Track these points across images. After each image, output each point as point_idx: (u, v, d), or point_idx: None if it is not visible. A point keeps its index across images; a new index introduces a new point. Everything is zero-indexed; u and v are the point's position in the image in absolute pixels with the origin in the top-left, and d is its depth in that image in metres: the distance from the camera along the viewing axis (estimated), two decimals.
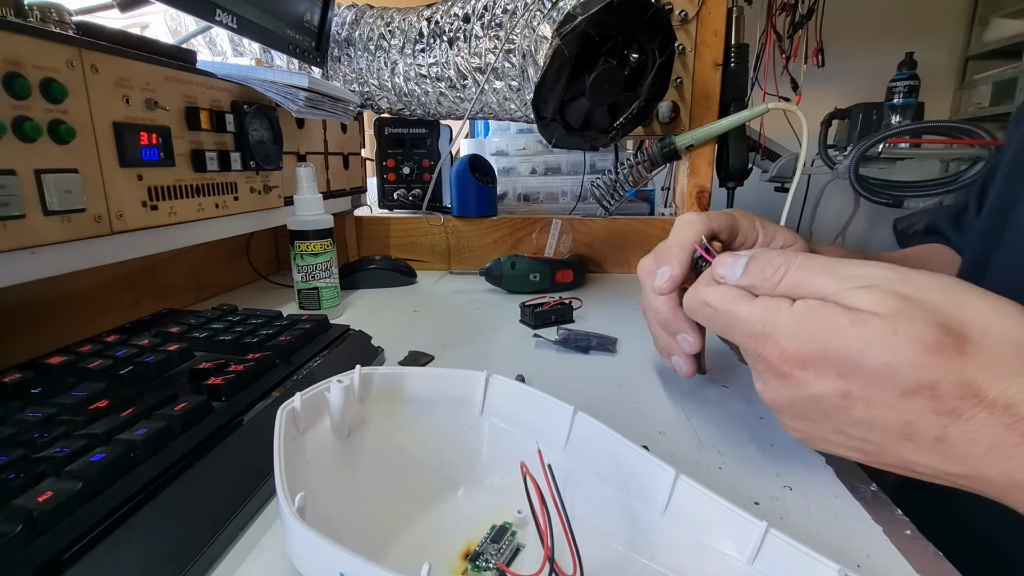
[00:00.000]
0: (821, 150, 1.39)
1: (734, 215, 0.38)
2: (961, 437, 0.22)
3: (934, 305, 0.23)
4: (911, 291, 0.23)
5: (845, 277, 0.25)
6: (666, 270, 0.36)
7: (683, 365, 0.37)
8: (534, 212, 0.92)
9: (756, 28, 1.48)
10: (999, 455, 0.22)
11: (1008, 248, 0.38)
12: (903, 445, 0.24)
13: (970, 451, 0.22)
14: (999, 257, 0.39)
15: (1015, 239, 0.38)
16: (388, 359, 0.47)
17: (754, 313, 0.27)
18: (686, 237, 0.36)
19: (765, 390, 0.28)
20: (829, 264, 0.26)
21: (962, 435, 0.22)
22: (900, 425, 0.23)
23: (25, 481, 0.22)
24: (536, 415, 0.28)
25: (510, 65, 0.62)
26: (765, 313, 0.26)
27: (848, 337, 0.23)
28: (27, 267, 0.34)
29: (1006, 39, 1.90)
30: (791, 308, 0.26)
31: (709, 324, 0.31)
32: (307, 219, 0.55)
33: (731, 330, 0.29)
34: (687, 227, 0.36)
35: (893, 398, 0.23)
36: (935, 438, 0.23)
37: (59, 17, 0.39)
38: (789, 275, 0.27)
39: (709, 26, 0.75)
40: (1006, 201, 0.40)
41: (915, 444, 0.23)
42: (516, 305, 0.59)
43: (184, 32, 0.69)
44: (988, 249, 0.40)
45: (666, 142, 0.73)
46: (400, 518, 0.26)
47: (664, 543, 0.24)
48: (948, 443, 0.23)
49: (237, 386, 0.33)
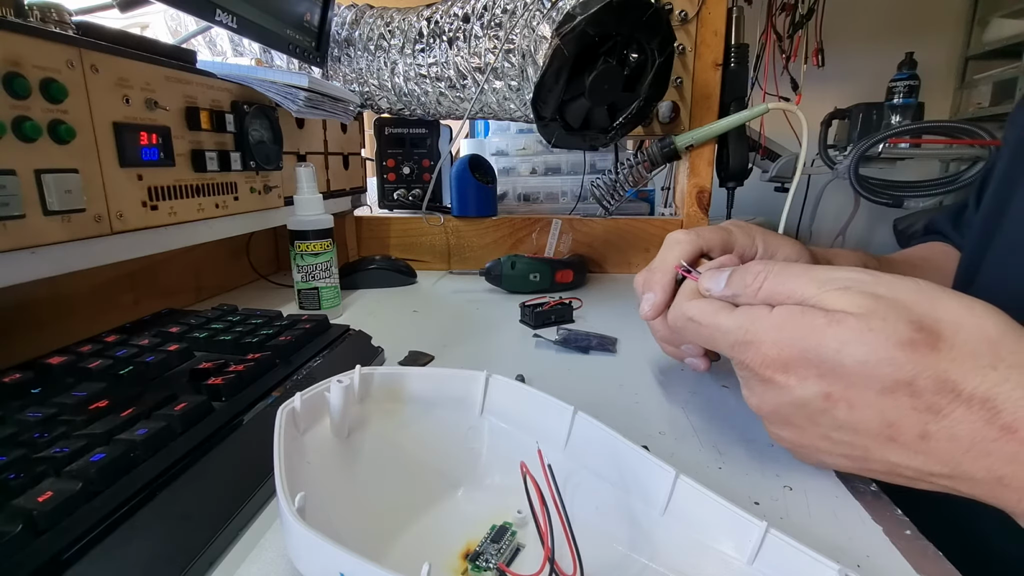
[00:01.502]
0: (821, 150, 1.39)
1: (730, 229, 0.37)
2: (942, 434, 0.22)
3: (907, 303, 0.24)
4: (884, 291, 0.24)
5: (823, 281, 0.26)
6: (649, 297, 0.36)
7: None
8: (534, 212, 0.92)
9: (756, 28, 1.48)
10: (980, 451, 0.22)
11: (1002, 246, 0.38)
12: (887, 447, 0.24)
13: (952, 449, 0.22)
14: (993, 255, 0.39)
15: (1011, 235, 0.38)
16: (388, 359, 0.47)
17: (735, 322, 0.28)
18: (669, 260, 0.36)
19: (751, 397, 0.28)
20: (807, 270, 0.27)
21: (943, 432, 0.22)
22: (883, 425, 0.24)
23: (25, 481, 0.22)
24: (536, 415, 0.28)
25: (510, 65, 0.62)
26: (745, 321, 0.27)
27: (826, 337, 0.24)
28: (27, 267, 0.34)
29: (1006, 39, 1.89)
30: (771, 314, 0.26)
31: (694, 338, 0.32)
32: (307, 219, 0.55)
33: (715, 342, 0.29)
34: (673, 247, 0.36)
35: (873, 396, 0.23)
36: (918, 435, 0.23)
37: (59, 17, 0.39)
38: (768, 282, 0.27)
39: (709, 26, 0.75)
40: (1001, 200, 0.40)
41: (899, 445, 0.24)
42: (516, 305, 0.59)
43: (184, 32, 0.69)
44: (983, 247, 0.40)
45: (666, 142, 0.73)
46: (400, 518, 0.26)
47: (664, 543, 0.24)
48: (931, 441, 0.23)
49: (237, 386, 0.33)
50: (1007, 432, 0.21)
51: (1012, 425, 0.21)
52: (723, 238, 0.37)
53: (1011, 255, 0.38)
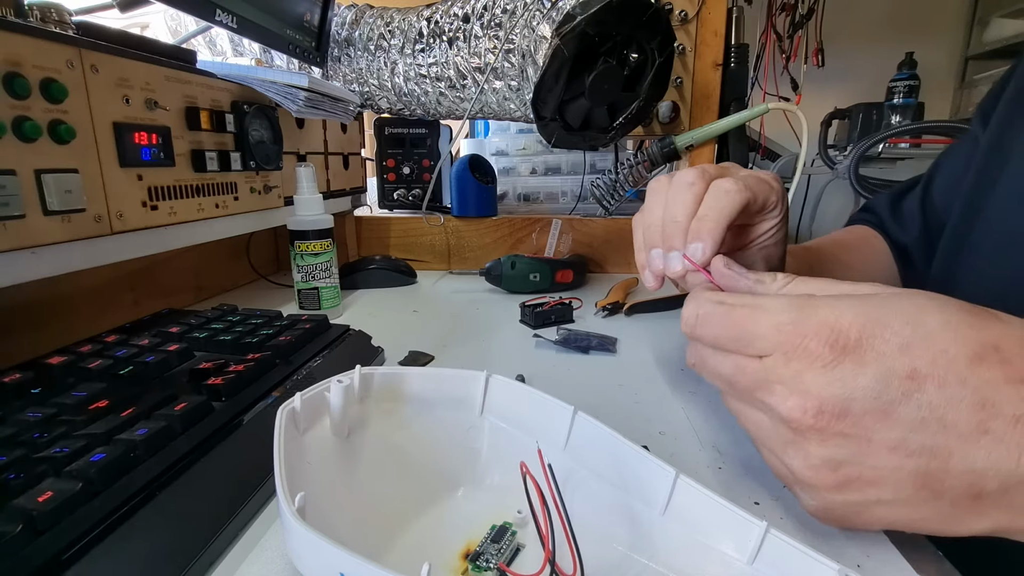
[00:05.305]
0: (821, 150, 1.39)
1: (764, 179, 0.34)
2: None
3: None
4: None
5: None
6: (697, 247, 0.30)
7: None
8: (534, 212, 0.92)
9: (756, 28, 1.48)
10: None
11: (983, 234, 0.38)
12: (978, 443, 0.20)
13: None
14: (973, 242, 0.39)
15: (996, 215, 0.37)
16: (388, 359, 0.47)
17: (788, 314, 0.23)
18: (725, 209, 0.30)
19: (795, 401, 0.22)
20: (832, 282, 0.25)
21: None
22: (976, 407, 0.20)
23: (25, 481, 0.22)
24: (536, 415, 0.28)
25: (509, 65, 0.62)
26: (793, 304, 0.23)
27: (899, 306, 0.21)
28: (27, 267, 0.34)
29: (1006, 39, 1.90)
30: (826, 299, 0.23)
31: (719, 329, 0.25)
32: (307, 219, 0.55)
33: (753, 328, 0.24)
34: (724, 197, 0.31)
35: (964, 367, 0.20)
36: (1014, 418, 0.19)
37: (59, 17, 0.39)
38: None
39: (709, 26, 0.75)
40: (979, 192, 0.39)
41: (992, 438, 0.19)
42: (516, 305, 0.59)
43: (184, 32, 0.69)
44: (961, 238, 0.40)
45: (666, 142, 0.73)
46: (400, 518, 0.26)
47: (664, 543, 0.24)
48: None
49: (237, 386, 0.33)
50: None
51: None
52: (765, 192, 0.33)
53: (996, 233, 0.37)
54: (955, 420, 0.20)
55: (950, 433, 0.20)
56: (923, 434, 0.20)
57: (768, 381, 0.23)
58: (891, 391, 0.20)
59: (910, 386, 0.20)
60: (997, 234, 0.37)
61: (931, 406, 0.20)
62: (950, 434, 0.20)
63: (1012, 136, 0.38)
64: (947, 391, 0.20)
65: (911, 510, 0.21)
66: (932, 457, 0.20)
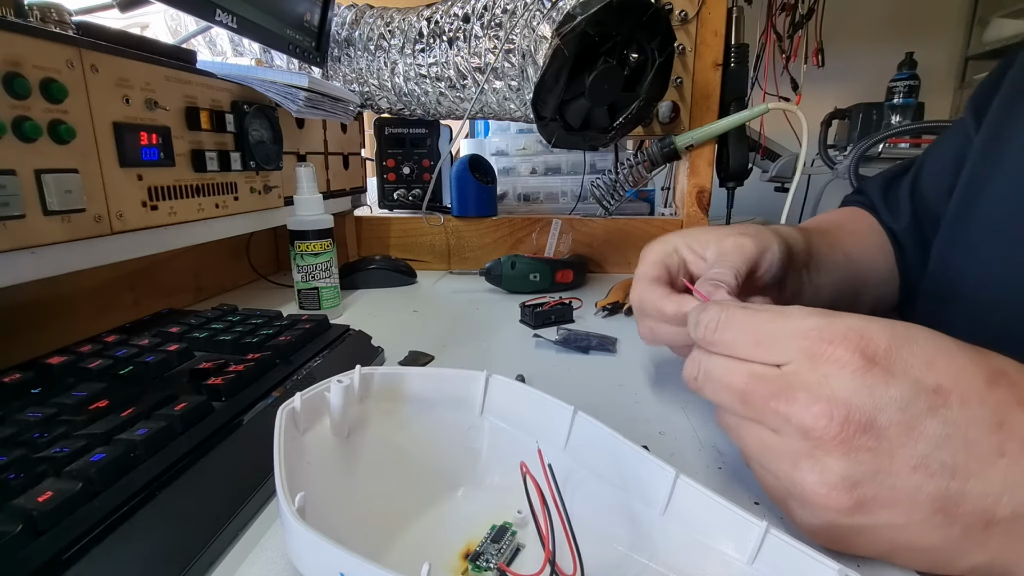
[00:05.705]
0: (821, 150, 1.39)
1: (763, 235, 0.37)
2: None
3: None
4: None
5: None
6: (721, 290, 0.32)
7: None
8: (534, 212, 0.92)
9: (756, 28, 1.48)
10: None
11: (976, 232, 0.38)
12: (995, 465, 0.19)
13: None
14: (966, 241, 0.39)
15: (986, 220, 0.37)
16: (388, 359, 0.47)
17: (813, 319, 0.23)
18: (739, 268, 0.33)
19: (809, 411, 0.21)
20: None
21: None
22: (994, 426, 0.19)
23: (25, 481, 0.22)
24: (536, 415, 0.28)
25: (510, 65, 0.62)
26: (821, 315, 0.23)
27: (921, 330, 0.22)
28: (27, 267, 0.34)
29: (1006, 39, 1.89)
30: (844, 317, 0.22)
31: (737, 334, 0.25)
32: (307, 219, 0.55)
33: (776, 332, 0.23)
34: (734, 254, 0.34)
35: (984, 386, 0.20)
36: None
37: (59, 17, 0.39)
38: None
39: (709, 26, 0.75)
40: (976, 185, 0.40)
41: (1008, 460, 0.19)
42: (516, 305, 0.59)
43: (184, 32, 0.69)
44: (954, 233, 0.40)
45: (666, 142, 0.73)
46: (400, 518, 0.26)
47: (664, 543, 0.24)
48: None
49: (237, 386, 0.33)
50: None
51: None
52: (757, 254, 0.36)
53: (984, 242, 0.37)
54: (976, 439, 0.19)
55: (971, 453, 0.19)
56: (946, 452, 0.20)
57: (790, 387, 0.22)
58: (918, 404, 0.20)
59: (936, 400, 0.20)
60: (993, 238, 0.37)
61: (955, 423, 0.20)
62: (971, 454, 0.19)
63: (1005, 139, 0.38)
64: (969, 410, 0.20)
65: (920, 536, 0.21)
66: (952, 478, 0.20)
